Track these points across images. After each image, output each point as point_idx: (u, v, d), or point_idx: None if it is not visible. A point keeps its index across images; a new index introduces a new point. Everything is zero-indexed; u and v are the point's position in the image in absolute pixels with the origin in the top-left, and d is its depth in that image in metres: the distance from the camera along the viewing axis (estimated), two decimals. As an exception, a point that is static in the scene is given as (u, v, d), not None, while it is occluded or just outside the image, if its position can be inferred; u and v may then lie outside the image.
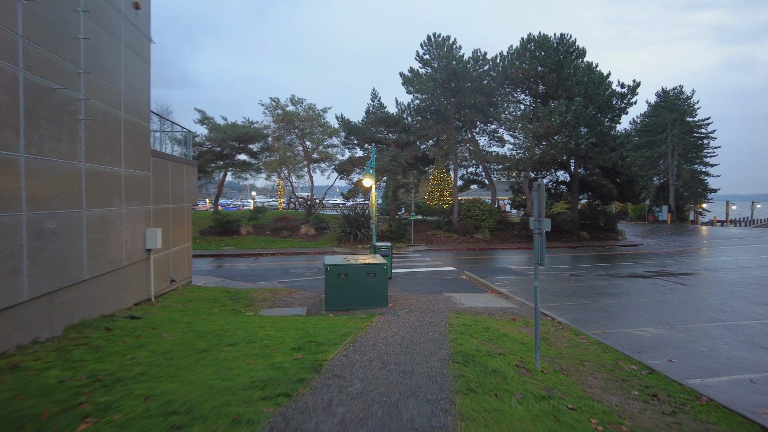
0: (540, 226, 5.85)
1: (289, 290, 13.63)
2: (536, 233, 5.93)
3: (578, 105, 24.57)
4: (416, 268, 18.70)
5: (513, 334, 8.13)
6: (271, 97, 29.14)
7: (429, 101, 28.74)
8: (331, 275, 10.62)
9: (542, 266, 6.01)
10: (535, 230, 5.93)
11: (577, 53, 28.26)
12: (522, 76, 27.25)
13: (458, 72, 27.37)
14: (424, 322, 8.66)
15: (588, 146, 27.35)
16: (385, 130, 28.87)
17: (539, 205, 5.86)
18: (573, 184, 33.51)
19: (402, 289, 13.78)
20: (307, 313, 10.72)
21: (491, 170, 33.60)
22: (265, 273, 17.66)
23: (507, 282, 15.61)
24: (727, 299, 12.77)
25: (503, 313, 10.36)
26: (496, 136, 33.28)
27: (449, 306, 10.87)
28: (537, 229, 5.89)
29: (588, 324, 9.97)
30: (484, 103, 28.29)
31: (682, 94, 57.86)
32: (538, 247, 5.94)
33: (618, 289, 14.39)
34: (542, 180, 5.49)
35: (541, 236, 5.90)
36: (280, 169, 29.21)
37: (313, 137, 29.21)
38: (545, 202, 6.04)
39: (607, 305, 11.99)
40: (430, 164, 31.37)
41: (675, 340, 8.84)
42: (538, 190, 5.84)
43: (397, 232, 27.08)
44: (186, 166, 14.24)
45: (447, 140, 28.83)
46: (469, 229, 28.93)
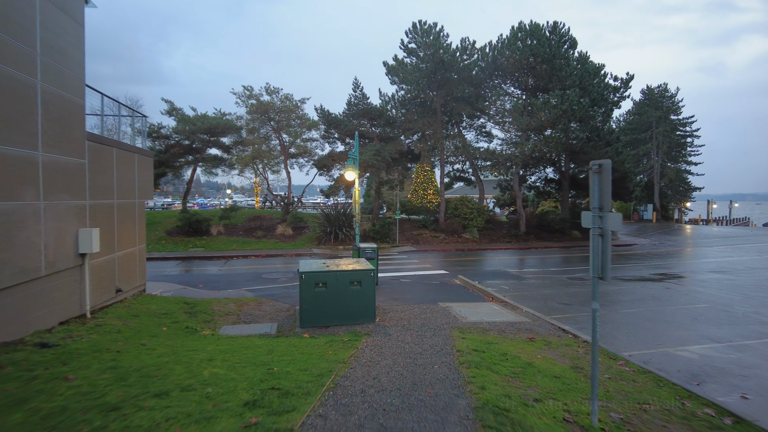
0: (602, 224, 4.09)
1: (258, 300, 11.67)
2: (595, 234, 4.17)
3: (574, 96, 23.09)
4: (403, 271, 16.90)
5: (538, 362, 6.37)
6: (245, 86, 27.05)
7: (414, 92, 26.98)
8: (307, 285, 8.74)
9: (603, 280, 4.24)
10: (594, 230, 4.17)
11: (570, 43, 26.81)
12: (513, 65, 25.66)
13: (446, 61, 25.65)
14: (423, 347, 6.84)
15: (582, 141, 25.91)
16: (368, 123, 26.99)
17: (601, 194, 4.10)
18: (563, 182, 32.12)
19: (390, 297, 11.96)
20: (277, 331, 8.81)
21: (479, 167, 32.03)
22: (234, 278, 15.64)
23: (506, 288, 13.93)
24: (758, 307, 11.30)
25: (515, 329, 8.61)
26: (484, 131, 31.71)
27: (449, 320, 9.09)
28: (597, 228, 4.13)
29: (616, 342, 8.30)
30: (472, 94, 26.64)
31: (667, 92, 57.37)
32: (598, 255, 4.17)
33: (631, 295, 12.84)
34: (607, 161, 3.95)
35: (604, 239, 4.13)
36: (254, 164, 27.10)
37: (290, 130, 27.16)
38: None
39: (628, 316, 10.38)
40: (415, 160, 29.62)
41: (729, 363, 7.22)
42: (599, 172, 4.08)
43: (380, 232, 25.26)
44: (138, 156, 12.15)
45: (433, 134, 27.13)
46: (456, 228, 27.27)
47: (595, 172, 4.09)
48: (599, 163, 4.06)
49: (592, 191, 4.15)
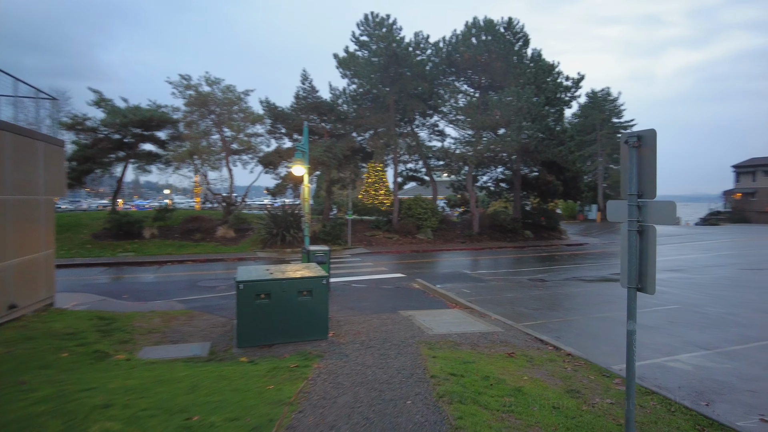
0: (643, 216, 2.99)
1: (190, 314, 10.02)
2: (631, 230, 3.07)
3: (529, 93, 22.63)
4: (358, 275, 15.60)
5: (527, 387, 5.28)
6: (182, 75, 24.73)
7: (367, 87, 25.72)
8: (246, 297, 7.28)
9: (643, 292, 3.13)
10: (630, 225, 3.07)
11: (524, 41, 26.47)
12: (467, 61, 24.96)
13: (399, 55, 24.58)
14: (389, 372, 5.59)
15: (537, 140, 25.58)
16: (318, 119, 25.46)
17: (641, 175, 3.01)
18: (515, 182, 31.89)
19: (345, 306, 10.63)
20: (209, 352, 7.29)
21: (432, 167, 31.22)
22: (166, 287, 13.79)
23: (467, 291, 12.94)
24: (728, 307, 10.87)
25: (489, 341, 7.53)
26: (437, 130, 30.88)
27: (413, 333, 7.89)
28: (635, 222, 3.03)
29: (600, 352, 7.38)
30: (426, 91, 25.71)
31: (609, 96, 59.25)
32: (636, 258, 3.06)
33: (598, 297, 12.18)
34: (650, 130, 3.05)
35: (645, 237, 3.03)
36: (192, 160, 24.92)
37: (232, 124, 25.17)
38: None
39: (602, 321, 9.60)
40: (367, 158, 28.35)
41: (728, 375, 6.44)
42: (639, 146, 2.99)
43: (331, 234, 23.82)
44: (45, 145, 10.21)
45: (386, 132, 25.98)
46: (410, 229, 26.26)
47: (633, 146, 3.00)
48: (638, 135, 2.98)
49: (629, 173, 3.07)
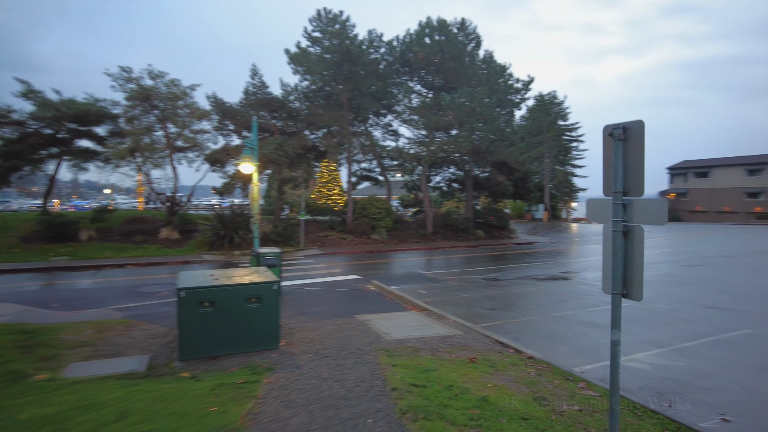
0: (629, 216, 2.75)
1: (127, 323, 9.20)
2: (615, 231, 2.83)
3: (482, 94, 22.79)
4: (311, 278, 15.06)
5: (493, 395, 5.02)
6: (122, 66, 23.17)
7: (319, 84, 25.14)
8: (188, 305, 6.68)
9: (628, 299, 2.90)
10: (614, 225, 2.83)
11: (476, 42, 26.69)
12: (421, 61, 24.88)
13: (352, 53, 24.15)
14: (347, 385, 5.19)
15: (489, 141, 25.83)
16: (268, 115, 24.59)
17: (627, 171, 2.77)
18: (467, 182, 32.21)
19: (297, 311, 10.10)
20: (147, 367, 6.62)
21: (386, 166, 31.01)
22: (102, 294, 12.74)
23: (424, 292, 12.72)
24: (674, 303, 11.19)
25: (449, 345, 7.27)
26: (391, 130, 30.70)
27: (371, 339, 7.52)
28: (620, 222, 2.79)
29: (559, 354, 7.30)
30: (380, 90, 25.42)
31: (556, 99, 61.26)
32: (620, 262, 2.82)
33: (551, 296, 12.24)
34: (637, 122, 2.84)
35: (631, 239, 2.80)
36: (134, 158, 23.43)
37: (177, 120, 23.90)
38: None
39: (558, 321, 9.58)
40: (320, 157, 27.73)
41: (685, 373, 6.47)
42: (625, 139, 2.74)
43: (283, 235, 23.07)
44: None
45: (340, 130, 25.48)
46: (365, 229, 25.89)
47: (618, 138, 2.74)
48: (624, 126, 2.73)
49: (613, 168, 2.82)
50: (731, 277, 15.18)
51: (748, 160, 59.61)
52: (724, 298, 11.89)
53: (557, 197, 63.68)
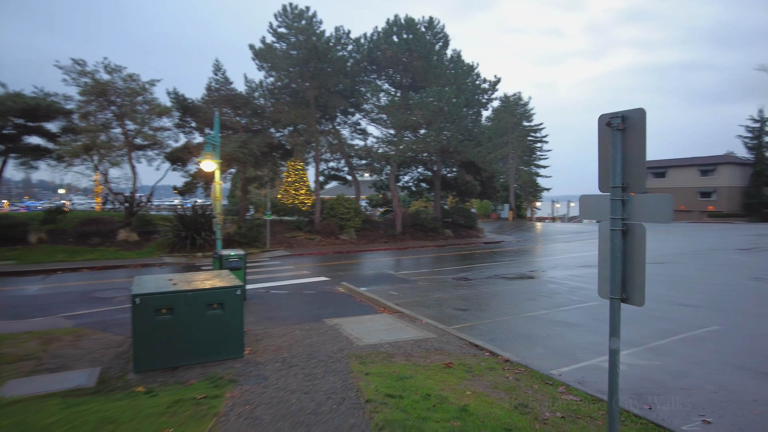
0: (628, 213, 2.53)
1: (78, 332, 8.55)
2: (613, 229, 2.60)
3: (450, 93, 22.72)
4: (277, 280, 14.56)
5: (473, 404, 4.78)
6: (75, 59, 21.90)
7: (285, 80, 24.53)
8: (144, 312, 6.18)
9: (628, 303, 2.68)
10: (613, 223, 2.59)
11: (444, 41, 26.65)
12: (389, 59, 24.64)
13: (319, 50, 23.68)
14: (317, 397, 4.84)
15: (457, 141, 25.81)
16: (232, 112, 23.84)
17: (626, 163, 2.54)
18: (435, 182, 32.20)
19: (263, 316, 9.64)
20: (98, 381, 6.08)
21: (354, 166, 30.64)
22: (52, 300, 11.90)
23: (395, 293, 12.46)
24: (643, 302, 11.26)
25: (423, 349, 7.01)
26: (359, 129, 30.35)
27: (342, 345, 7.17)
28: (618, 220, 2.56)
29: (535, 355, 7.16)
30: (347, 88, 25.03)
31: (521, 100, 62.25)
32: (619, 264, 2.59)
33: (522, 296, 12.17)
34: (637, 110, 2.63)
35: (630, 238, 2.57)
36: (89, 156, 22.22)
37: (136, 117, 22.82)
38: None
39: (531, 321, 9.48)
40: (287, 156, 27.10)
41: (661, 373, 6.41)
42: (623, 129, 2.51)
43: (248, 236, 22.38)
44: None
45: (307, 129, 24.96)
46: (333, 229, 25.46)
47: (617, 128, 2.51)
48: (622, 115, 2.50)
49: (612, 161, 2.59)
50: (695, 275, 15.53)
51: (701, 161, 62.13)
52: (691, 295, 12.10)
53: (522, 197, 64.82)
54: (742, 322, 9.40)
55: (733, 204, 58.05)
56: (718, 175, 59.33)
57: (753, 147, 57.46)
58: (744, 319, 9.62)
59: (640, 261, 2.62)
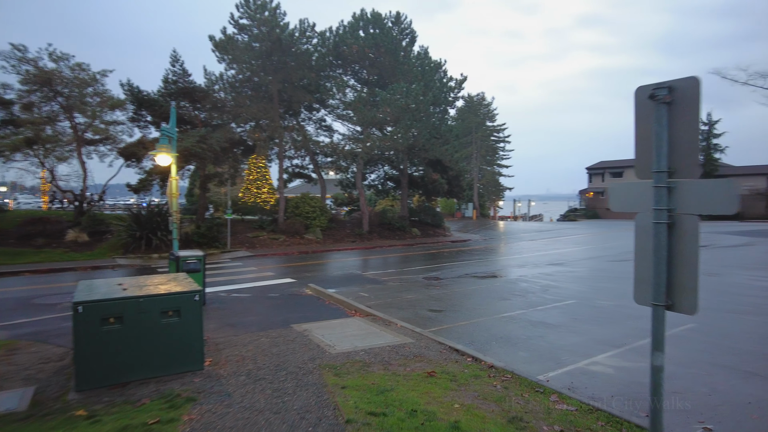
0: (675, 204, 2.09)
1: (12, 344, 7.60)
2: (658, 222, 2.16)
3: (418, 90, 22.35)
4: (240, 282, 13.76)
5: (463, 420, 4.31)
6: (14, 44, 20.22)
7: (247, 73, 23.56)
8: (89, 322, 5.43)
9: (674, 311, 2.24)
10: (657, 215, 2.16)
11: (411, 37, 26.28)
12: (356, 54, 24.06)
13: (283, 42, 22.87)
14: (290, 419, 4.26)
15: (425, 138, 25.47)
16: (190, 106, 22.67)
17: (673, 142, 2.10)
18: (402, 180, 31.84)
19: (225, 323, 8.92)
20: (31, 403, 5.27)
21: (320, 163, 29.89)
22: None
23: (365, 294, 11.93)
24: (616, 299, 11.15)
25: (401, 356, 6.51)
26: (324, 125, 29.62)
27: (313, 354, 6.59)
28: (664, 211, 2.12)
29: (519, 359, 6.80)
30: (312, 82, 24.28)
31: (484, 100, 62.90)
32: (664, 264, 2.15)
33: (495, 295, 11.85)
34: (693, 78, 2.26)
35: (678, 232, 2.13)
36: (32, 150, 20.61)
37: (85, 109, 21.34)
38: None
39: (509, 322, 9.14)
40: (249, 152, 26.07)
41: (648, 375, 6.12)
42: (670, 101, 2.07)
43: (208, 236, 21.33)
44: None
45: (270, 124, 24.06)
46: (298, 229, 24.66)
47: (663, 101, 2.08)
48: (669, 86, 2.07)
49: (655, 140, 2.17)
50: (659, 271, 15.70)
51: (656, 161, 64.35)
52: (660, 292, 12.10)
53: (485, 196, 65.55)
54: (713, 319, 9.36)
55: (686, 203, 60.32)
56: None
57: (703, 149, 59.87)
58: (714, 316, 9.59)
59: (691, 260, 2.19)
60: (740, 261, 18.17)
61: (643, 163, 2.37)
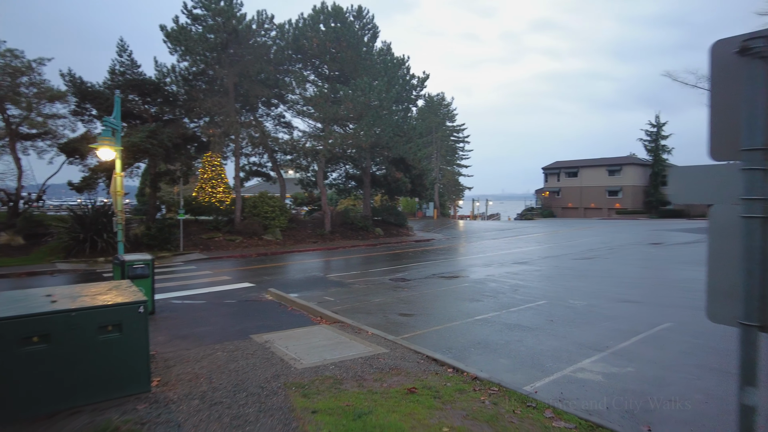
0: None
1: None
2: (750, 217, 1.64)
3: (382, 86, 21.79)
4: (193, 288, 12.77)
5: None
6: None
7: (201, 65, 22.32)
8: (5, 343, 4.53)
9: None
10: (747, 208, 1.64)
11: (374, 32, 25.69)
12: (317, 48, 23.24)
13: (240, 34, 21.80)
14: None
15: (389, 136, 24.93)
16: (140, 100, 21.21)
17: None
18: (365, 179, 31.23)
19: (177, 334, 8.03)
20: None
21: (279, 161, 28.84)
22: None
23: (331, 299, 11.26)
24: (587, 299, 10.94)
25: (376, 370, 5.89)
26: (283, 122, 28.57)
27: (276, 370, 5.87)
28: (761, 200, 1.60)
29: (500, 368, 6.33)
30: (272, 73, 23.29)
31: (444, 100, 63.16)
32: (756, 267, 1.64)
33: (465, 295, 11.43)
34: None
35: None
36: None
37: (20, 100, 19.58)
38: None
39: (484, 326, 8.69)
40: (203, 149, 24.74)
41: (640, 382, 5.78)
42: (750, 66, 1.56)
43: (159, 237, 20.01)
44: None
45: (226, 119, 22.90)
46: (256, 229, 23.60)
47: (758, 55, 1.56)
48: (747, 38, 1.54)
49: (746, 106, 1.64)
50: (626, 270, 15.77)
51: (608, 161, 66.59)
52: (630, 291, 12.03)
53: (445, 195, 65.92)
54: (687, 317, 9.26)
55: (637, 202, 62.68)
56: (624, 175, 63.80)
57: (651, 149, 62.28)
58: (687, 314, 9.51)
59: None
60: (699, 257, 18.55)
61: (723, 140, 1.87)
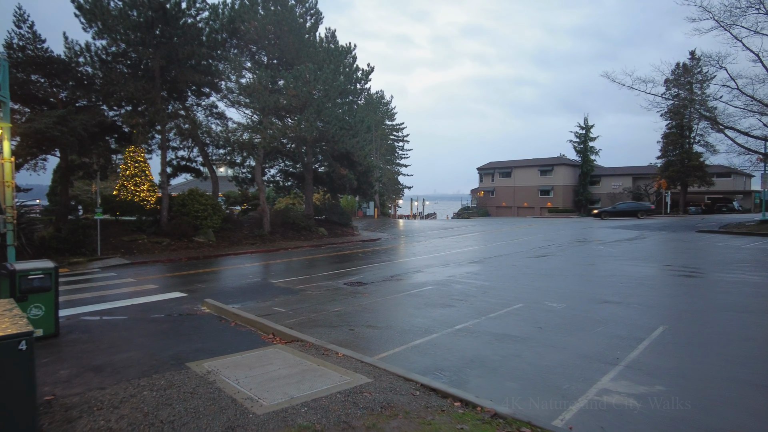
0: None
1: None
2: None
3: (328, 73, 20.24)
4: (113, 300, 10.65)
5: None
6: None
7: (122, 46, 19.67)
8: None
9: None
10: None
11: (317, 18, 24.04)
12: (255, 31, 21.28)
13: (168, 12, 19.42)
14: None
15: (335, 129, 23.37)
16: (46, 81, 18.28)
17: None
18: (307, 176, 29.41)
19: (88, 365, 6.14)
20: None
21: (211, 156, 26.41)
22: None
23: (282, 309, 9.67)
24: (563, 301, 10.09)
25: (364, 411, 4.48)
26: (216, 112, 26.15)
27: (228, 418, 4.30)
28: None
29: (511, 392, 5.12)
30: (204, 57, 21.02)
31: (383, 98, 62.43)
32: None
33: (436, 301, 10.24)
34: None
35: None
36: None
37: None
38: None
39: (469, 337, 7.52)
40: (125, 141, 21.94)
41: (680, 404, 4.78)
42: None
43: (71, 240, 17.25)
44: None
45: (150, 108, 20.38)
46: (186, 230, 21.21)
47: None
48: None
49: None
50: (584, 268, 15.28)
51: (541, 162, 68.84)
52: (602, 290, 11.37)
53: (385, 195, 65.26)
54: (674, 320, 8.61)
55: (567, 201, 65.11)
56: (555, 175, 66.07)
57: (580, 150, 64.96)
58: (674, 316, 8.89)
59: None
60: (648, 253, 18.58)
61: None
